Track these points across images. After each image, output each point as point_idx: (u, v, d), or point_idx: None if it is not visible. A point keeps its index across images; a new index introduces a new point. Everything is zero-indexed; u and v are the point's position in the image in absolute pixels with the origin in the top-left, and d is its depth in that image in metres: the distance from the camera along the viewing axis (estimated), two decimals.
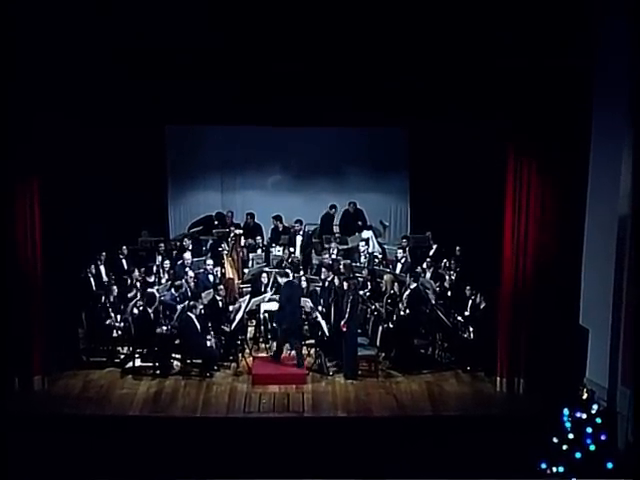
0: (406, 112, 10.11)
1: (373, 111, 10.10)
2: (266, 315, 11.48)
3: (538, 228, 10.03)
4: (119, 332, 11.06)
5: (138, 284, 11.65)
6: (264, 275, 11.90)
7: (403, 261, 12.60)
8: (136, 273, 11.88)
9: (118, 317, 11.16)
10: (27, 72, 9.55)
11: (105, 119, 10.33)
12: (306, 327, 11.40)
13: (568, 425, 8.13)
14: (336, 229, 14.04)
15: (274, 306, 11.25)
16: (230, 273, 12.31)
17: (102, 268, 12.08)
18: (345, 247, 13.24)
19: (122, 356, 11.10)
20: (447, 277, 12.12)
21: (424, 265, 12.45)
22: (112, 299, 11.21)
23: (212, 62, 9.35)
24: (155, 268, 12.12)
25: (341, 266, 11.83)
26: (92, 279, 11.68)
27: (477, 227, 12.06)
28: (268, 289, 11.74)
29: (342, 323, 10.53)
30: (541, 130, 9.78)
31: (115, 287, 11.45)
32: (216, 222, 13.87)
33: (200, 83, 9.56)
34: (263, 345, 11.55)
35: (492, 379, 10.50)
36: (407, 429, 9.43)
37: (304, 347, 10.96)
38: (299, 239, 13.49)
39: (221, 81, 9.64)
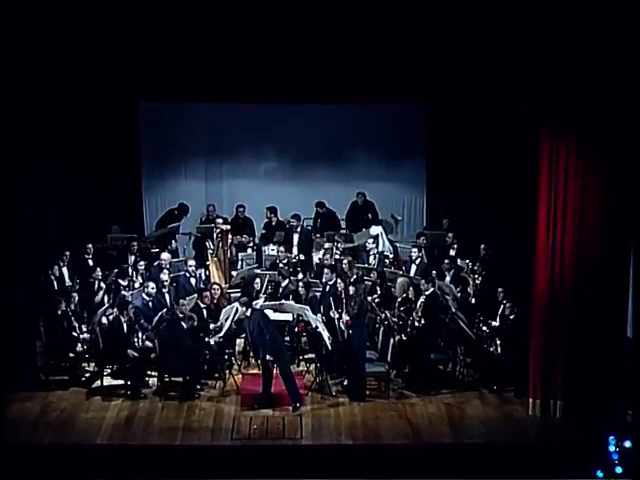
0: (422, 85, 9.91)
1: (383, 84, 9.92)
2: None
3: (577, 224, 9.91)
4: (84, 345, 11.02)
5: (103, 287, 11.64)
6: (257, 280, 11.85)
7: (418, 262, 12.62)
8: (100, 274, 11.82)
9: (83, 327, 11.12)
10: None
11: (66, 92, 10.14)
12: (305, 339, 11.40)
13: (615, 456, 8.05)
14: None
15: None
16: (215, 276, 12.20)
17: (65, 270, 12.06)
18: (351, 245, 13.25)
19: (88, 374, 11.05)
20: (470, 281, 12.11)
21: (443, 267, 12.41)
22: (76, 306, 11.18)
23: (193, 26, 9.17)
24: (128, 270, 12.08)
25: (344, 265, 11.79)
26: (53, 283, 11.62)
27: (505, 223, 12.11)
28: (261, 294, 11.69)
29: (346, 319, 10.48)
30: (582, 105, 9.62)
31: (80, 292, 11.40)
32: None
33: (179, 50, 9.39)
34: (254, 360, 11.48)
35: (523, 401, 10.44)
36: (423, 459, 9.36)
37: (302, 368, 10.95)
38: (296, 237, 13.45)
39: (204, 48, 9.46)
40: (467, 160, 13.31)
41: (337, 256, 12.70)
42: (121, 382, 10.67)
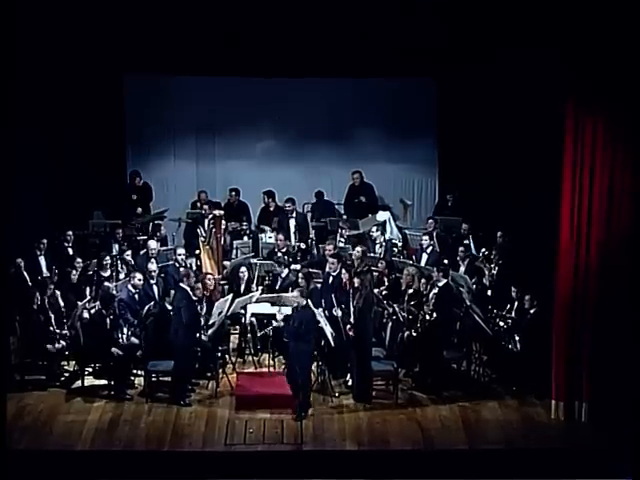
0: (434, 56, 9.84)
1: (391, 56, 9.86)
2: (253, 320, 11.45)
3: (606, 209, 9.84)
4: (64, 342, 10.99)
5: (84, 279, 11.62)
6: (242, 269, 11.82)
7: (430, 250, 12.61)
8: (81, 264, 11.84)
9: (64, 320, 11.04)
10: None
11: (44, 63, 10.06)
12: None
13: None
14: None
15: (265, 308, 11.19)
16: (208, 266, 12.21)
17: (42, 259, 12.10)
18: (356, 233, 13.22)
19: (67, 373, 11.07)
20: (486, 272, 12.09)
21: (457, 256, 12.40)
22: (55, 299, 11.15)
23: None
24: (111, 260, 12.06)
25: (355, 252, 11.77)
26: (28, 274, 11.65)
27: (525, 208, 12.13)
28: (253, 286, 11.71)
29: (348, 327, 10.48)
30: (611, 76, 9.51)
31: (58, 284, 11.39)
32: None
33: (168, 18, 9.30)
34: (250, 358, 11.52)
35: (545, 403, 10.43)
36: (435, 466, 9.34)
37: None
38: (292, 222, 13.48)
39: (195, 17, 9.38)
40: (482, 139, 13.34)
41: (341, 244, 12.65)
42: (104, 382, 10.68)
